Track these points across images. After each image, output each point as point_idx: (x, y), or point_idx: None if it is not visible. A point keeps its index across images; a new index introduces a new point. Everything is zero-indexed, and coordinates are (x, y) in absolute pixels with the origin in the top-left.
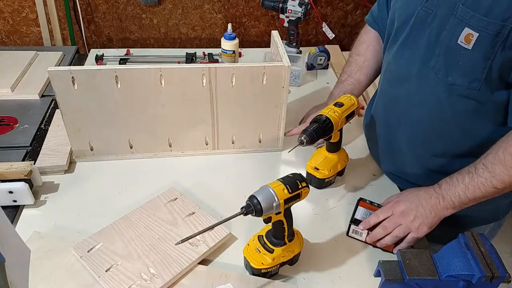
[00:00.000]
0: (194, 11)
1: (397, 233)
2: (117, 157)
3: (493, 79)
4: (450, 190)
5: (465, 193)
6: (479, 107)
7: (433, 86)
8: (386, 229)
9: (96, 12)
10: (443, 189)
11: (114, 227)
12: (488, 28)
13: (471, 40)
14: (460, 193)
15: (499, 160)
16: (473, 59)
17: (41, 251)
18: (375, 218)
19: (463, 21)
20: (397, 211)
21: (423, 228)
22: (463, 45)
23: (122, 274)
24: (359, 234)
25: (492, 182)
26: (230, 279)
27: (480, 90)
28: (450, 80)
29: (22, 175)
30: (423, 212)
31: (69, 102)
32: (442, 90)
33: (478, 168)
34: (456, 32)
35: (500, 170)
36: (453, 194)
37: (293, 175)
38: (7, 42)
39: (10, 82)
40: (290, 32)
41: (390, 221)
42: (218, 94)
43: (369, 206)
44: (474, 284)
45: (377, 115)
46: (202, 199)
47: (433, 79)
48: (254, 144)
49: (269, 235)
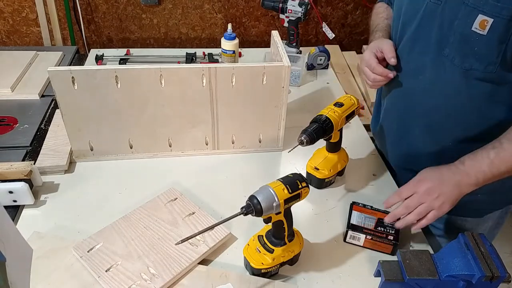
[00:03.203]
0: (194, 11)
1: (420, 210)
2: (117, 157)
3: (508, 62)
4: (474, 166)
5: (490, 168)
6: (494, 90)
7: (449, 74)
8: (409, 209)
9: (96, 12)
10: (467, 166)
11: (114, 227)
12: (502, 13)
13: (486, 26)
14: (485, 169)
15: None
16: (489, 44)
17: (41, 251)
18: (397, 197)
19: (476, 9)
20: (421, 190)
21: (445, 205)
22: (478, 31)
23: (122, 274)
24: (356, 240)
25: None
26: (230, 279)
27: (495, 73)
28: (466, 66)
29: (22, 175)
30: (446, 190)
31: (69, 102)
32: (458, 76)
33: (503, 142)
34: (469, 20)
35: None
36: (478, 170)
37: (293, 175)
38: (7, 42)
39: (10, 82)
40: (290, 32)
41: (413, 200)
42: (218, 94)
43: (363, 209)
44: (474, 284)
45: (388, 109)
46: (202, 199)
47: (448, 67)
48: (254, 144)
49: (269, 235)
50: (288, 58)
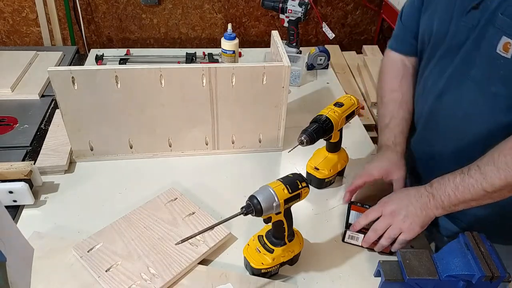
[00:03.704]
0: (194, 11)
1: (390, 234)
2: (117, 157)
3: None
4: (440, 189)
5: (455, 193)
6: None
7: (475, 97)
8: (377, 231)
9: (96, 12)
10: (434, 188)
11: (114, 227)
12: None
13: (509, 49)
14: (450, 192)
15: (492, 161)
16: None
17: (41, 251)
18: (364, 220)
19: (501, 30)
20: (387, 211)
21: (414, 228)
22: (502, 54)
23: (122, 274)
24: (355, 239)
25: (482, 184)
26: (230, 279)
27: None
28: (493, 90)
29: (22, 175)
30: (413, 211)
31: (69, 102)
32: (484, 100)
33: (471, 169)
34: (494, 41)
35: (492, 172)
36: (443, 193)
37: (293, 175)
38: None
39: (10, 82)
40: (290, 32)
41: (380, 222)
42: (218, 94)
43: (360, 208)
44: (474, 284)
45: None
46: (202, 199)
47: (474, 90)
48: (254, 144)
49: (269, 235)
50: (288, 58)
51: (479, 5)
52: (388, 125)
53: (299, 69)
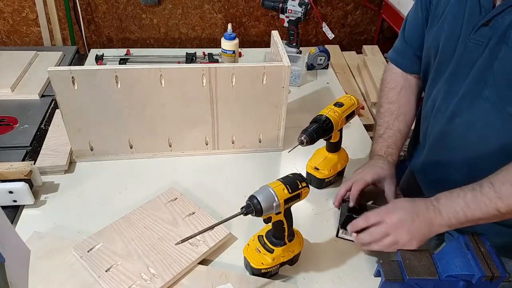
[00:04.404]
0: (194, 11)
1: (385, 243)
2: (117, 157)
3: None
4: (448, 205)
5: (464, 211)
6: None
7: (488, 118)
8: (373, 236)
9: (96, 12)
10: (441, 204)
11: (114, 227)
12: None
13: None
14: (459, 210)
15: (509, 180)
16: None
17: (41, 251)
18: (363, 223)
19: None
20: (390, 221)
21: (413, 243)
22: None
23: (122, 274)
24: (349, 234)
25: (497, 203)
26: (230, 279)
27: None
28: (509, 110)
29: (22, 175)
30: (418, 225)
31: (69, 102)
32: (499, 121)
33: (484, 186)
34: (509, 60)
35: (508, 191)
36: (450, 211)
37: (293, 175)
38: (7, 42)
39: (10, 82)
40: (290, 32)
41: (379, 229)
42: (218, 94)
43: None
44: (474, 284)
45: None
46: (202, 199)
47: (489, 110)
48: (254, 144)
49: (269, 235)
50: (288, 58)
51: (489, 22)
52: (382, 136)
53: (299, 69)
